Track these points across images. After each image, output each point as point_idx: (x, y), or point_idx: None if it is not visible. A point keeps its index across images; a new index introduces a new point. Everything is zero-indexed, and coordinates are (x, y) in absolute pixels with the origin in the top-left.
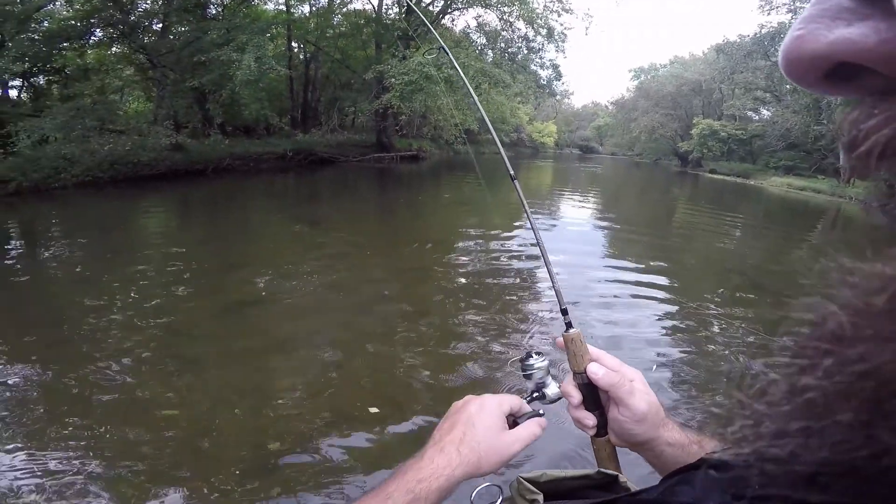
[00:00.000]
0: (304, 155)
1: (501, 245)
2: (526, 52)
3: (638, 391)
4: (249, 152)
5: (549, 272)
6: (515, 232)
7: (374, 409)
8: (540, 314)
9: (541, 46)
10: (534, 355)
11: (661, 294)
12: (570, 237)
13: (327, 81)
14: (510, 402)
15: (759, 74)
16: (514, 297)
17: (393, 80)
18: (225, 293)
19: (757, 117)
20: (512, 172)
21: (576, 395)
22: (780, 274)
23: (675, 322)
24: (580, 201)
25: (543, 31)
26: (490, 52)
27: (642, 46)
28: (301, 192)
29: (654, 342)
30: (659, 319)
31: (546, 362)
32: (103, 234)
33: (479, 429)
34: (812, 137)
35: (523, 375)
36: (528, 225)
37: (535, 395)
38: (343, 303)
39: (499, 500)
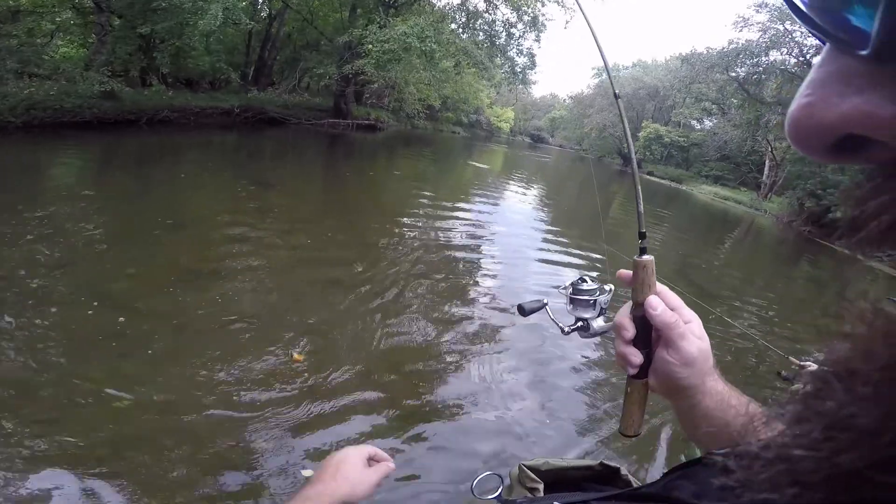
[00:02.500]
0: (253, 113)
1: (458, 220)
2: (506, 37)
3: (690, 335)
4: (191, 105)
5: (637, 192)
6: (471, 208)
7: (353, 397)
8: (491, 292)
9: (521, 34)
10: (588, 280)
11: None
12: (512, 221)
13: (288, 41)
14: (367, 450)
15: (713, 87)
16: (470, 273)
17: (371, 46)
18: (171, 259)
19: (699, 127)
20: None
21: (630, 329)
22: (697, 267)
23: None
24: (527, 188)
25: (526, 18)
26: (466, 30)
27: (611, 46)
28: (245, 150)
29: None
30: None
31: (599, 288)
32: (10, 184)
33: (348, 467)
34: (745, 151)
35: (571, 300)
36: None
37: (580, 324)
38: (308, 275)
39: (499, 490)
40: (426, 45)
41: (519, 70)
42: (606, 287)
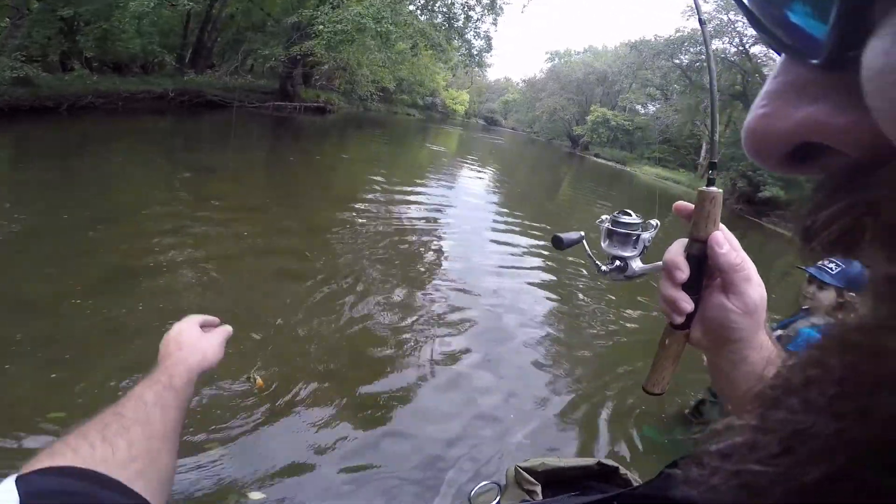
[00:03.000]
0: (190, 96)
1: (413, 203)
2: (464, 19)
3: (754, 279)
4: (119, 90)
5: (714, 119)
6: (426, 191)
7: (315, 399)
8: (449, 274)
9: (479, 16)
10: (630, 212)
11: (541, 260)
12: (468, 202)
13: (231, 21)
14: (196, 318)
15: (658, 73)
16: (427, 256)
17: (322, 27)
18: (99, 257)
19: (644, 111)
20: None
21: (685, 270)
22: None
23: (552, 285)
24: (482, 170)
25: (485, 1)
26: (425, 12)
27: (565, 31)
28: (181, 136)
29: (537, 301)
30: (539, 271)
31: (643, 223)
32: None
33: (188, 336)
34: (685, 135)
35: (608, 234)
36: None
37: (618, 264)
38: (255, 267)
39: (497, 499)
40: (382, 26)
41: (475, 53)
42: (652, 222)
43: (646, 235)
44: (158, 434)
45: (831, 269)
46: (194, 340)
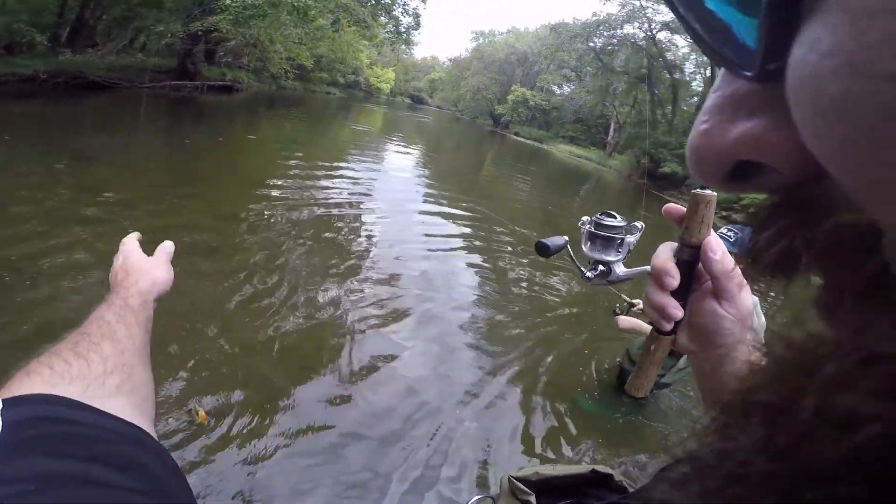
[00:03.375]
0: (66, 78)
1: (334, 182)
2: None
3: (745, 285)
4: None
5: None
6: (349, 168)
7: (229, 416)
8: (370, 253)
9: None
10: (615, 214)
11: (469, 230)
12: (395, 179)
13: None
14: (134, 241)
15: (574, 55)
16: (347, 237)
17: (229, 1)
18: None
19: (559, 92)
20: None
21: (676, 277)
22: (554, 214)
23: (479, 256)
24: (407, 147)
25: None
26: None
27: (493, 9)
28: (56, 121)
29: (464, 272)
30: (467, 251)
31: (627, 226)
32: None
33: (134, 262)
34: (596, 115)
35: (591, 237)
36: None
37: (601, 269)
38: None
39: None
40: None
41: (403, 30)
42: (638, 224)
43: (630, 239)
44: (128, 349)
45: (730, 236)
46: (140, 265)
